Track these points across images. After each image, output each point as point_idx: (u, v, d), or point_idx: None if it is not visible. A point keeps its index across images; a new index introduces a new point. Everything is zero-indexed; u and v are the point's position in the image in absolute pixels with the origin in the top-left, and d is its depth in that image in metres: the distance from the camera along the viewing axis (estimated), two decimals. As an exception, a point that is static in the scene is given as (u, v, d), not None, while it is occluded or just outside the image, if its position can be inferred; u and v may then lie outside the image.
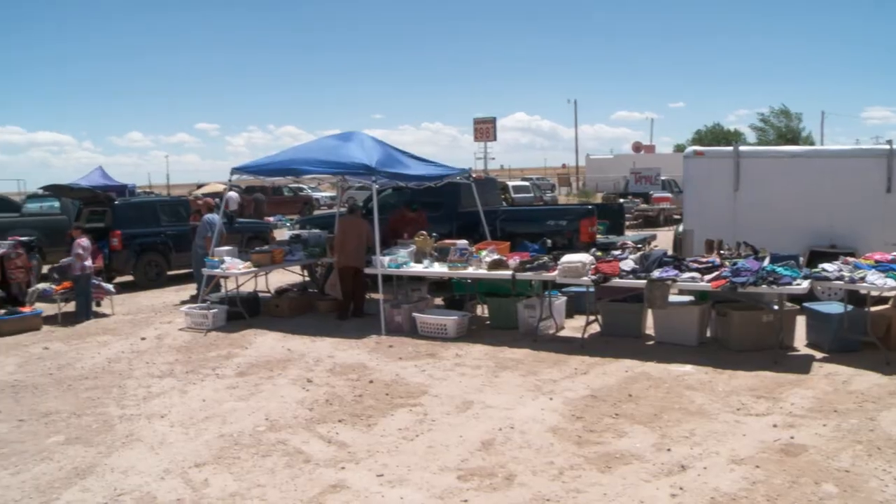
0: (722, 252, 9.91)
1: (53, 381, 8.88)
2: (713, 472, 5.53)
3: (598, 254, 10.29)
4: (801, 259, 9.70)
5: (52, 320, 12.45)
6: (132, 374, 9.02)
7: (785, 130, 66.71)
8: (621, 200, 29.10)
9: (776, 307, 8.97)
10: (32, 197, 24.59)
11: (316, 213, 38.54)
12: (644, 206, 30.91)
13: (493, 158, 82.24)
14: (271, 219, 30.77)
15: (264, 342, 10.45)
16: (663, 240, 16.89)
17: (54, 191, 18.76)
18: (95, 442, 6.73)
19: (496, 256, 10.45)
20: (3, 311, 12.22)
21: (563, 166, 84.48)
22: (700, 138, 73.37)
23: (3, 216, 19.67)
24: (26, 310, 12.39)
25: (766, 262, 9.02)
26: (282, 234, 20.01)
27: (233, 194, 16.58)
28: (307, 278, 14.87)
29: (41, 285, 13.37)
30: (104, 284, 13.51)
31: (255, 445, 6.45)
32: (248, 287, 13.63)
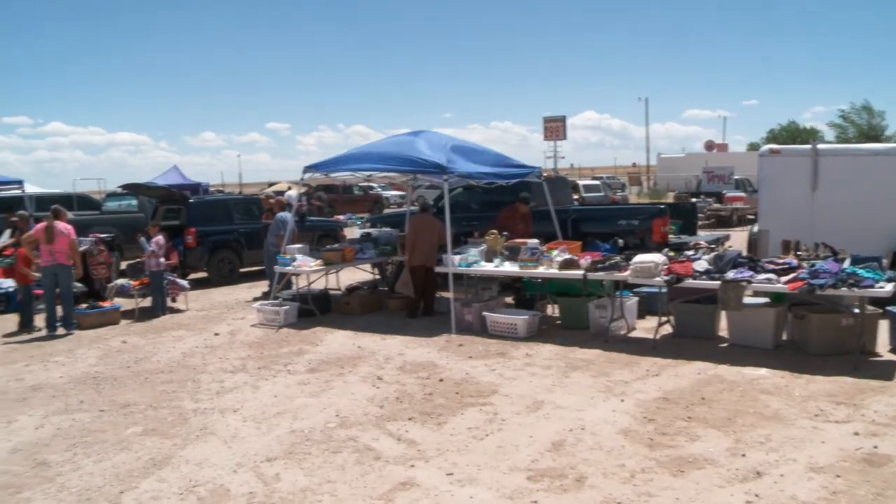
0: (799, 253, 9.67)
1: (131, 374, 9.11)
2: (790, 480, 5.38)
3: (671, 254, 10.14)
4: (884, 261, 9.40)
5: (129, 315, 12.78)
6: (206, 369, 9.21)
7: (867, 128, 64.51)
8: (694, 200, 28.64)
9: (857, 310, 8.71)
10: (112, 195, 25.33)
11: (386, 211, 38.81)
12: (717, 205, 30.36)
13: (563, 157, 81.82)
14: (342, 217, 31.09)
15: (335, 339, 10.56)
16: (737, 240, 16.55)
17: (132, 189, 19.27)
18: (171, 434, 6.89)
19: (567, 256, 10.38)
20: (85, 306, 12.61)
21: (634, 165, 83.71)
22: (774, 136, 71.73)
23: (85, 214, 20.28)
24: (106, 304, 12.76)
25: (846, 263, 8.78)
26: (352, 233, 20.20)
27: (292, 193, 16.80)
28: (377, 276, 14.99)
29: (120, 281, 13.75)
30: (179, 281, 13.82)
31: (325, 441, 6.51)
32: (319, 284, 13.79)
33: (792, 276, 8.71)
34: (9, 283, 13.92)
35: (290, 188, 27.66)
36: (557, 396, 7.51)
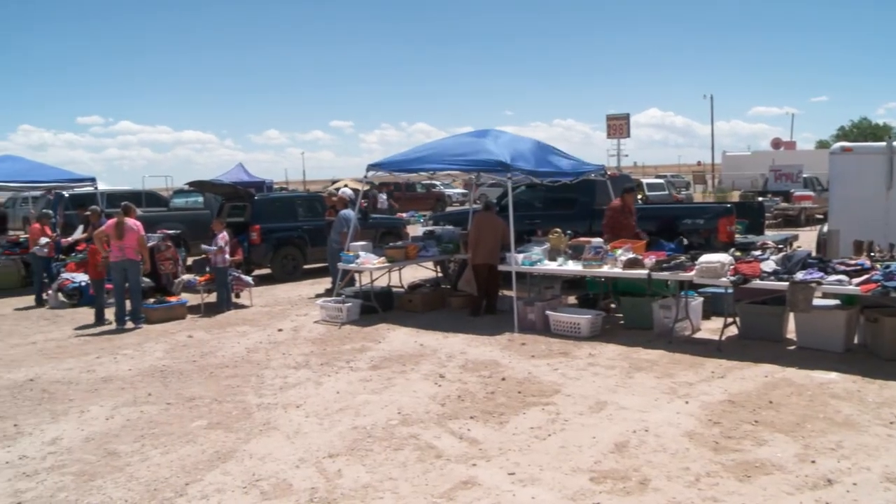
0: (872, 254, 9.41)
1: (197, 368, 9.27)
2: (864, 490, 5.21)
3: (738, 254, 9.95)
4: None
5: (195, 310, 13.02)
6: (269, 365, 9.32)
7: (945, 124, 62.47)
8: (760, 199, 28.09)
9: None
10: (179, 192, 25.85)
11: (448, 209, 38.85)
12: (784, 204, 29.68)
13: (627, 155, 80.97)
14: (404, 215, 31.23)
15: (397, 337, 10.60)
16: (805, 240, 16.17)
17: (198, 187, 19.60)
18: (235, 428, 6.98)
19: (632, 255, 10.27)
20: (152, 300, 12.86)
21: (698, 163, 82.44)
22: (845, 134, 70.04)
23: (153, 211, 20.73)
24: (173, 299, 13.01)
25: (923, 265, 8.51)
26: (414, 230, 20.26)
27: (347, 190, 16.93)
28: (440, 274, 15.00)
29: (186, 277, 14.00)
30: (243, 277, 14.03)
31: (387, 438, 6.54)
32: (381, 282, 13.86)
33: (865, 277, 8.48)
34: (82, 277, 14.30)
35: (345, 185, 27.86)
36: (621, 397, 7.43)
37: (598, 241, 11.07)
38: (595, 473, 5.61)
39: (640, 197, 25.24)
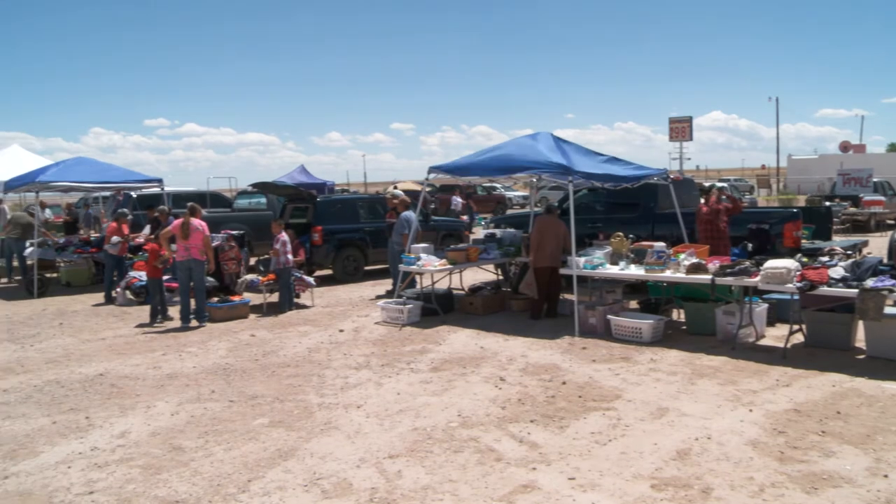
0: (946, 262, 9.15)
1: (259, 367, 9.40)
2: (939, 505, 5.07)
3: (804, 260, 9.76)
4: None
5: (257, 309, 13.20)
6: (330, 365, 9.40)
7: None
8: (828, 203, 27.48)
9: None
10: (242, 193, 26.22)
11: (509, 212, 38.80)
12: (853, 209, 28.96)
13: (689, 159, 79.91)
14: (465, 217, 31.22)
15: (457, 339, 10.61)
16: (875, 246, 15.81)
17: (262, 188, 19.85)
18: (296, 427, 7.06)
19: (695, 260, 10.13)
20: (216, 299, 13.07)
21: (763, 167, 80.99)
22: (919, 136, 68.07)
23: (217, 211, 21.06)
24: (236, 299, 13.20)
25: None
26: (475, 233, 20.24)
27: (398, 191, 16.98)
28: (500, 277, 14.98)
29: (249, 276, 14.20)
30: (305, 277, 14.18)
31: (447, 441, 6.55)
32: (442, 284, 13.89)
33: (938, 286, 8.25)
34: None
35: (394, 187, 27.96)
36: (683, 404, 7.34)
37: (660, 245, 10.94)
38: (656, 480, 5.55)
39: (702, 201, 24.84)
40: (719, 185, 16.06)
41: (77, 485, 5.88)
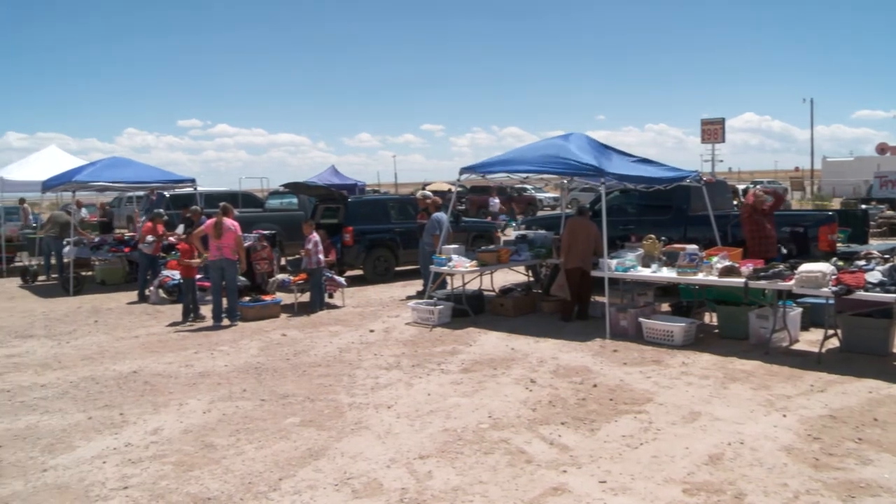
0: None
1: (290, 366, 9.44)
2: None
3: (840, 263, 9.63)
4: None
5: (289, 309, 13.27)
6: (361, 365, 9.43)
7: None
8: (864, 206, 27.11)
9: None
10: (274, 194, 26.39)
11: (539, 213, 38.71)
12: (890, 212, 28.54)
13: (721, 160, 78.99)
14: (502, 219, 31.23)
15: (488, 340, 10.60)
16: (914, 251, 15.56)
17: (293, 188, 19.97)
18: (327, 426, 7.08)
19: (728, 263, 10.03)
20: (247, 299, 13.16)
21: (796, 169, 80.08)
22: (958, 139, 67.01)
23: (249, 211, 21.22)
24: (268, 298, 13.27)
25: None
26: (505, 234, 20.19)
27: (428, 192, 17.01)
28: (531, 278, 14.95)
29: (280, 276, 14.28)
30: (336, 277, 14.23)
31: (477, 442, 6.54)
32: (473, 285, 13.88)
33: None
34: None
35: (423, 188, 28.00)
36: (715, 408, 7.27)
37: (692, 247, 10.86)
38: (688, 485, 5.50)
39: (735, 203, 24.61)
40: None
41: (112, 479, 5.95)
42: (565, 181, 14.39)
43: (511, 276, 15.60)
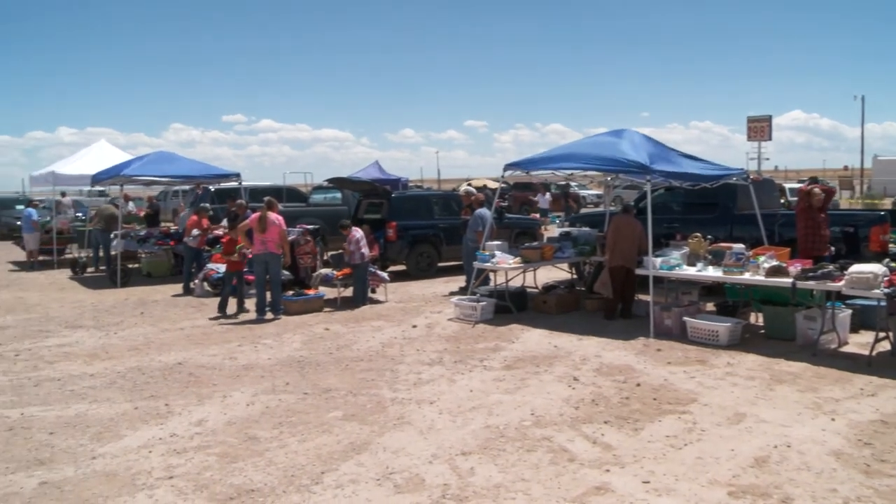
0: None
1: (333, 360, 9.49)
2: None
3: (892, 265, 9.44)
4: None
5: (332, 303, 13.34)
6: (403, 360, 9.44)
7: None
8: (917, 206, 26.54)
9: None
10: (318, 189, 26.53)
11: (582, 210, 38.47)
12: (945, 213, 27.91)
13: (768, 159, 77.74)
14: (538, 215, 31.10)
15: (531, 337, 10.56)
16: (968, 253, 15.20)
17: (338, 183, 20.06)
18: (369, 421, 7.10)
19: (775, 263, 9.88)
20: (291, 293, 13.25)
21: (845, 168, 78.59)
22: None
23: (293, 206, 21.35)
24: (311, 292, 13.35)
25: None
26: (548, 231, 20.09)
27: (470, 188, 16.96)
28: (574, 276, 14.87)
29: (324, 270, 14.35)
30: (379, 272, 14.28)
31: (520, 439, 6.51)
32: (516, 282, 13.84)
33: None
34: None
35: (468, 184, 27.96)
36: (761, 410, 7.16)
37: (739, 246, 10.72)
38: (733, 487, 5.43)
39: (782, 201, 24.25)
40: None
41: (157, 469, 6.02)
42: (609, 178, 14.26)
43: (554, 273, 15.52)
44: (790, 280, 9.47)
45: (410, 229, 16.87)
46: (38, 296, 15.52)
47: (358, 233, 13.46)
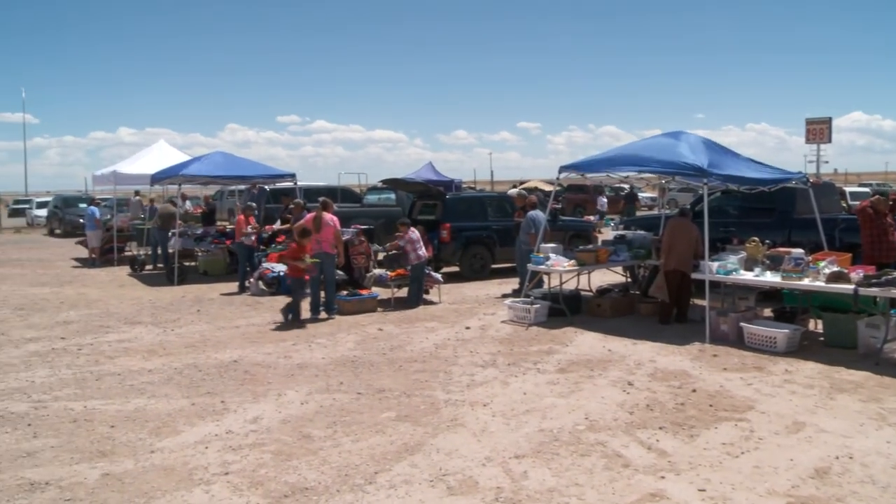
0: None
1: (386, 361, 9.52)
2: None
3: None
4: None
5: (385, 303, 13.39)
6: (457, 362, 9.44)
7: None
8: None
9: None
10: (372, 189, 26.68)
11: (637, 213, 38.15)
12: None
13: (827, 161, 76.22)
14: (592, 218, 30.92)
15: (584, 341, 10.49)
16: None
17: (392, 184, 20.14)
18: (423, 422, 7.11)
19: (836, 268, 9.69)
20: (345, 293, 13.33)
21: (910, 171, 76.79)
22: None
23: (347, 206, 21.51)
24: (365, 292, 13.42)
25: None
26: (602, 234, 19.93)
27: (514, 191, 16.92)
28: (629, 279, 14.74)
29: (378, 271, 14.42)
30: (433, 274, 14.29)
31: (574, 443, 6.47)
32: (570, 285, 13.77)
33: None
34: (280, 268, 15.05)
35: (514, 186, 27.90)
36: (821, 419, 7.01)
37: (798, 251, 10.52)
38: (792, 498, 5.32)
39: (843, 204, 23.76)
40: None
41: (214, 465, 6.11)
42: (664, 181, 14.10)
43: (608, 276, 15.41)
44: (852, 286, 9.27)
45: (464, 231, 16.86)
46: (98, 292, 15.86)
47: (414, 233, 13.52)
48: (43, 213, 41.24)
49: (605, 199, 38.66)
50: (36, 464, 6.23)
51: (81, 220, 24.69)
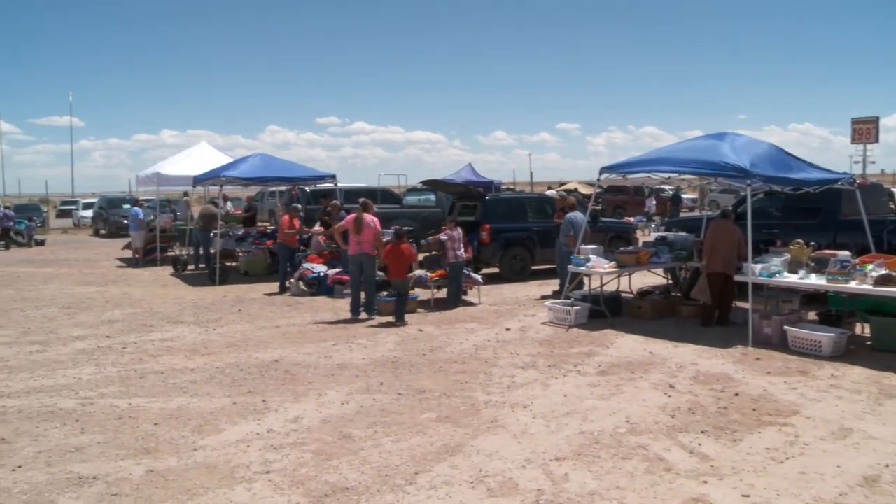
0: None
1: (426, 362, 9.53)
2: None
3: None
4: None
5: (425, 305, 13.40)
6: (497, 363, 9.42)
7: None
8: None
9: None
10: (412, 190, 26.74)
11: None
12: None
13: (874, 162, 74.82)
14: (632, 219, 30.70)
15: (625, 343, 10.41)
16: None
17: (432, 185, 20.18)
18: (463, 423, 7.09)
19: (885, 271, 9.51)
20: (385, 293, 13.36)
21: (960, 171, 75.21)
22: None
23: (387, 207, 21.57)
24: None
25: None
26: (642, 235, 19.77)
27: (553, 193, 16.83)
28: (670, 281, 14.61)
29: (417, 272, 14.42)
30: (473, 275, 14.28)
31: (615, 446, 6.42)
32: (610, 286, 13.68)
33: None
34: (321, 268, 15.14)
35: (549, 188, 27.78)
36: (869, 425, 6.88)
37: (844, 254, 10.35)
38: (839, 505, 5.23)
39: (892, 206, 23.31)
40: None
41: (255, 463, 6.15)
42: (705, 182, 13.95)
43: (649, 278, 15.28)
44: (900, 290, 9.10)
45: (504, 232, 16.83)
46: (142, 291, 16.08)
47: (458, 232, 13.53)
48: (88, 213, 42.02)
49: (654, 201, 38.34)
50: (83, 459, 6.34)
51: (125, 221, 25.05)
